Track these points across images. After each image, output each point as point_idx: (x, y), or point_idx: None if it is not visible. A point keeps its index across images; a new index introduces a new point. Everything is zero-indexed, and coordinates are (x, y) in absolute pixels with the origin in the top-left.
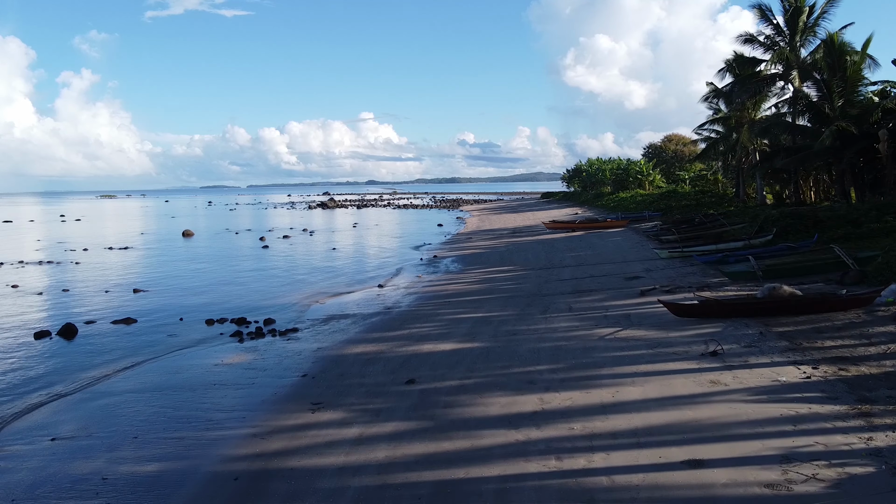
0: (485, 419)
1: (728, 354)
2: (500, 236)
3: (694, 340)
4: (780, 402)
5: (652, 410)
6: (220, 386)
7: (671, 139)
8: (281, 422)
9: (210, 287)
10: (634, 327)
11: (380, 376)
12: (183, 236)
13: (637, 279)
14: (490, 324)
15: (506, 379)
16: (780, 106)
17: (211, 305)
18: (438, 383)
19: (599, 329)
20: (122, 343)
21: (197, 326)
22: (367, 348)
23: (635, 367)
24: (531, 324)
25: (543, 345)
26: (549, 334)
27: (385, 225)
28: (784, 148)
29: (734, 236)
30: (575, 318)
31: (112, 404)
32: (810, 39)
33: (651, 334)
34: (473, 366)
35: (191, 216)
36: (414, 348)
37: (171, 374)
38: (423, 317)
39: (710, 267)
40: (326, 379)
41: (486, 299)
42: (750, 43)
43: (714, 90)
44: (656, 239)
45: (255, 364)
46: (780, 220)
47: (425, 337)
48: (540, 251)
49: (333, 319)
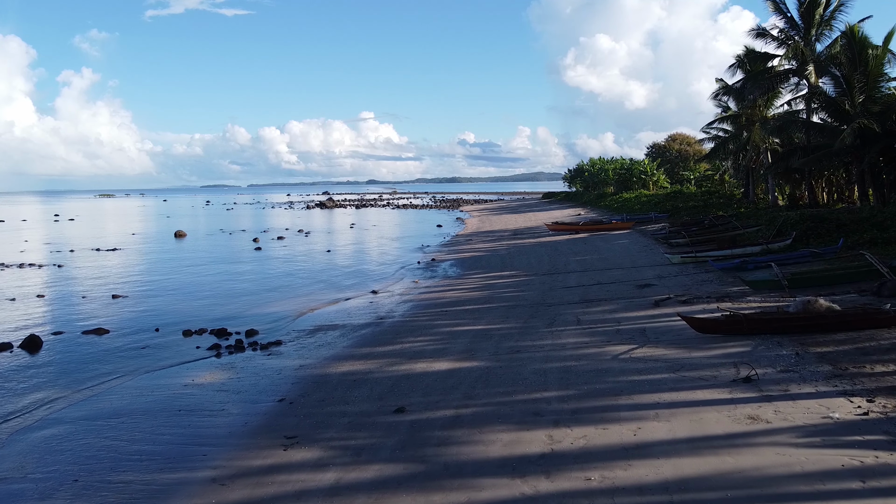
0: (484, 463)
1: (763, 381)
2: (501, 238)
3: (721, 362)
4: (838, 448)
5: (683, 455)
6: (186, 412)
7: (675, 138)
8: (248, 461)
9: (194, 293)
10: (652, 344)
11: (366, 402)
12: (175, 237)
13: (649, 287)
14: (491, 338)
15: (509, 408)
16: (793, 103)
17: (192, 313)
18: (431, 413)
19: (612, 346)
20: (89, 358)
21: (173, 338)
22: (355, 366)
23: (657, 395)
24: (536, 339)
25: (551, 365)
26: (556, 352)
27: (383, 226)
28: (801, 147)
29: (750, 240)
30: (584, 332)
31: (60, 436)
32: (826, 33)
33: (671, 353)
34: (472, 391)
35: (186, 216)
36: (406, 367)
37: (133, 396)
38: (418, 329)
39: (728, 274)
40: (306, 405)
41: (486, 309)
42: (762, 37)
43: (724, 87)
44: (665, 242)
45: (228, 385)
46: (800, 223)
47: (419, 353)
48: (543, 255)
49: (321, 331)
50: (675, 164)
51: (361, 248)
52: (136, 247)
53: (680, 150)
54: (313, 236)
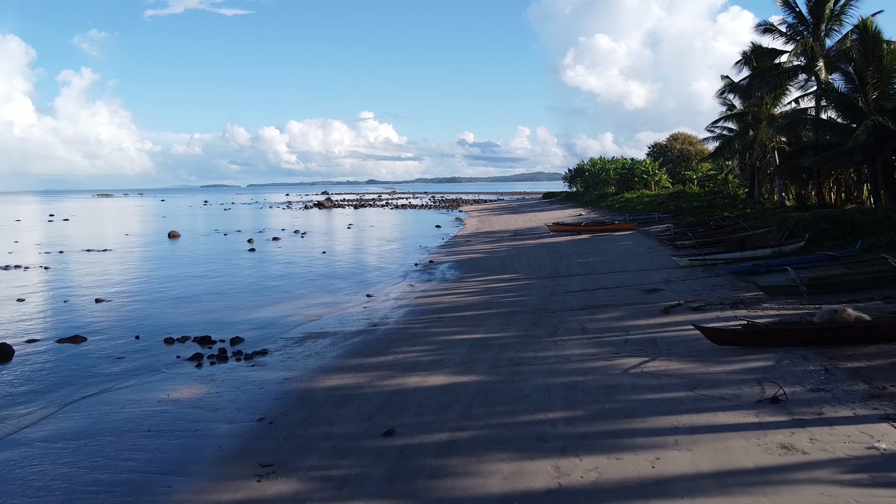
0: (483, 500)
1: (793, 401)
2: (501, 239)
3: (743, 378)
4: (891, 488)
5: (711, 495)
6: (156, 434)
7: (677, 138)
8: (216, 494)
9: (181, 296)
10: (664, 357)
11: (353, 423)
12: (168, 238)
13: (656, 292)
14: (490, 348)
15: (509, 432)
16: (801, 101)
17: (177, 319)
18: (424, 436)
19: (622, 358)
20: (62, 369)
21: (154, 347)
22: (343, 380)
23: (675, 417)
24: (538, 349)
25: (555, 380)
26: (560, 364)
27: (381, 226)
28: (811, 145)
29: (760, 242)
30: (590, 342)
31: (13, 461)
32: (836, 28)
33: (687, 367)
34: (469, 410)
35: (183, 216)
36: (398, 381)
37: (101, 414)
38: (413, 337)
39: (739, 278)
40: (287, 425)
41: (485, 315)
42: (769, 32)
43: (729, 84)
44: (671, 244)
45: (205, 401)
46: (812, 224)
47: (413, 365)
48: (544, 257)
49: (310, 339)
50: (677, 163)
51: (358, 249)
52: (129, 248)
53: (682, 149)
54: (309, 237)
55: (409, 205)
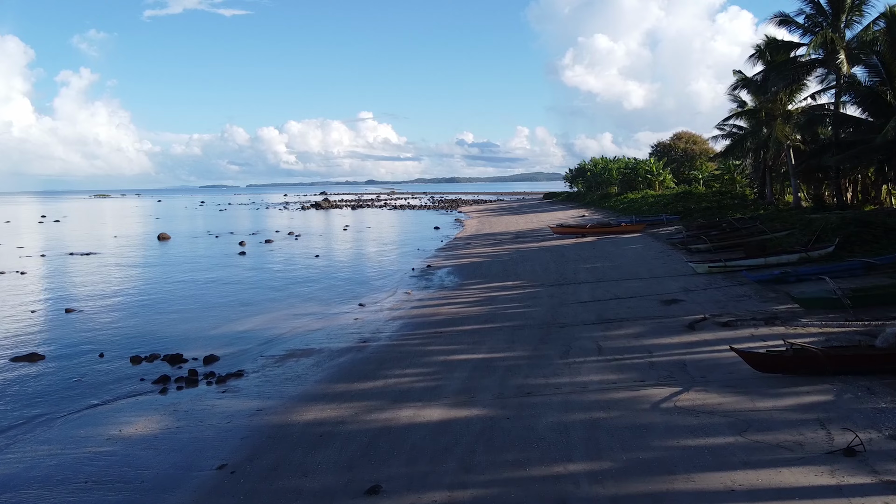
0: None
1: (873, 453)
2: (502, 242)
3: (802, 419)
4: None
5: None
6: (93, 485)
7: (680, 137)
8: None
9: (160, 306)
10: (700, 387)
11: (330, 474)
12: (158, 240)
13: (676, 303)
14: (494, 372)
15: (522, 491)
16: (817, 96)
17: (152, 331)
18: (416, 496)
19: (649, 388)
20: (5, 395)
21: (118, 367)
22: (325, 412)
23: (728, 475)
24: (550, 374)
25: (572, 417)
26: (577, 395)
27: (378, 228)
28: (833, 143)
29: (783, 247)
30: (609, 365)
31: None
32: (856, 19)
33: (729, 402)
34: (471, 457)
35: (177, 217)
36: (388, 416)
37: (38, 456)
38: (407, 357)
39: (767, 288)
40: (251, 476)
41: (487, 330)
42: (786, 24)
43: (742, 79)
44: (684, 248)
45: (162, 439)
46: (841, 227)
47: (405, 394)
48: (549, 261)
49: (292, 357)
50: (680, 163)
51: (353, 252)
52: (115, 251)
53: (686, 148)
54: (304, 239)
55: (408, 205)
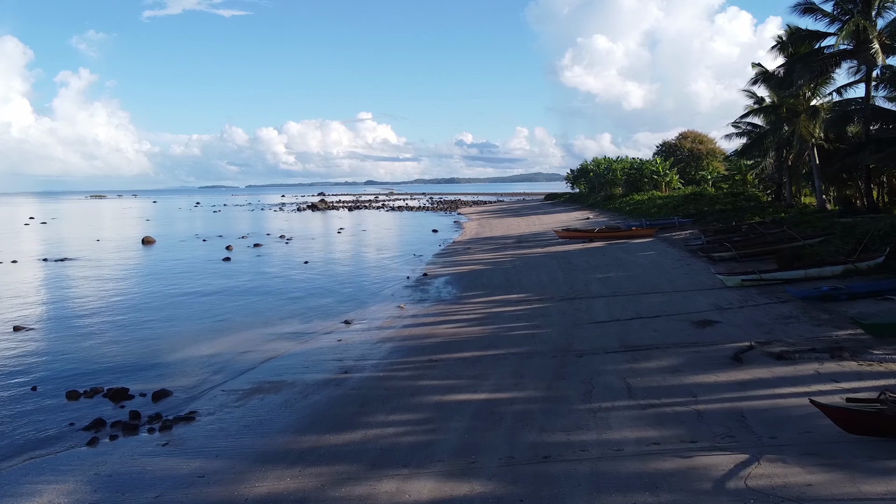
0: None
1: None
2: (504, 247)
3: None
4: None
5: None
6: None
7: (686, 136)
8: None
9: (121, 322)
10: (774, 455)
11: None
12: (142, 244)
13: (711, 325)
14: (501, 422)
15: None
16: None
17: (102, 356)
18: None
19: (704, 454)
20: None
21: (49, 404)
22: (282, 483)
23: None
24: (571, 426)
25: (608, 500)
26: (610, 463)
27: (375, 230)
28: (875, 140)
29: (822, 256)
30: (645, 414)
31: None
32: (889, 6)
33: (820, 481)
34: None
35: (168, 219)
36: (362, 492)
37: None
38: (394, 396)
39: (814, 306)
40: None
41: (491, 358)
42: (811, 13)
43: (762, 73)
44: (706, 255)
45: None
46: (891, 234)
47: (388, 454)
48: (556, 270)
49: (258, 393)
50: (687, 163)
51: (345, 258)
52: (92, 256)
53: (692, 148)
54: (294, 243)
55: (407, 206)
